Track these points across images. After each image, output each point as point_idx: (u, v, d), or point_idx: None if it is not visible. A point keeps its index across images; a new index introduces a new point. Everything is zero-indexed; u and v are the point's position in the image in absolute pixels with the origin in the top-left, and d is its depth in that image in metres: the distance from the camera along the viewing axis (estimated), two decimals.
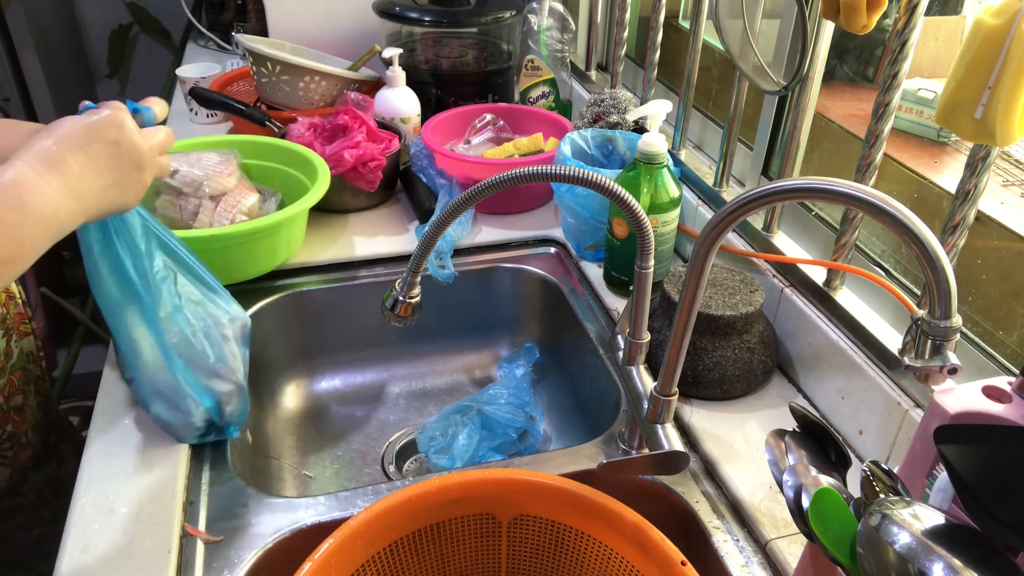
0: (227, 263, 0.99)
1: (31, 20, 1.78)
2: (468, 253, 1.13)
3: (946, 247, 0.68)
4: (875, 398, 0.76)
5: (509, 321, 1.17)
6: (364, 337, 1.11)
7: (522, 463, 0.80)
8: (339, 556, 0.59)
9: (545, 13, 1.37)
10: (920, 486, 0.53)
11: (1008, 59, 0.56)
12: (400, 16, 1.36)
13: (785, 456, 0.57)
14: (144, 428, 0.80)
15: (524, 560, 0.69)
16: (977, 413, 0.49)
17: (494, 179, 0.66)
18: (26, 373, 0.91)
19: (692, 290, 0.62)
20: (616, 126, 1.16)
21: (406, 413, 1.09)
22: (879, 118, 0.74)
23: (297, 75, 1.29)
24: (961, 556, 0.42)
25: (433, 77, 1.39)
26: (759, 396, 0.87)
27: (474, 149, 1.29)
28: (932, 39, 0.92)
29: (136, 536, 0.68)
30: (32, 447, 0.92)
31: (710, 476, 0.78)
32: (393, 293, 0.75)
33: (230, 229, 0.95)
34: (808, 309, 0.86)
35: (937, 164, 0.89)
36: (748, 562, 0.69)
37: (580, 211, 1.06)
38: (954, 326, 0.48)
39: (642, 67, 1.23)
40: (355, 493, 0.75)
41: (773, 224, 0.94)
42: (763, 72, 0.90)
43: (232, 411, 0.78)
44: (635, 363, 0.77)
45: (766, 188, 0.54)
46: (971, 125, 0.60)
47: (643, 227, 0.69)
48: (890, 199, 0.48)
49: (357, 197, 1.18)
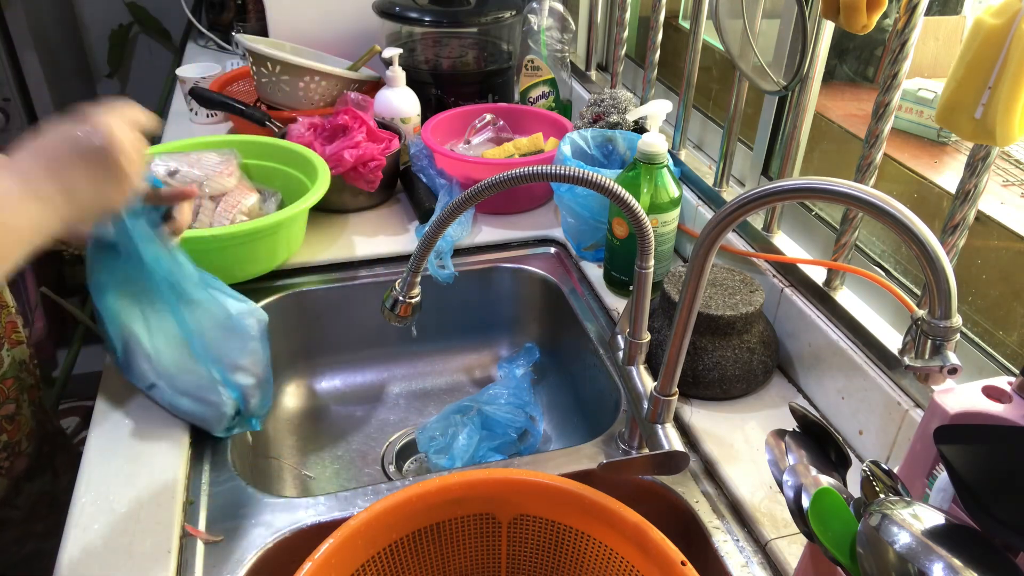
0: (227, 263, 0.99)
1: (31, 20, 1.78)
2: (468, 253, 1.13)
3: (946, 247, 0.68)
4: (875, 398, 0.76)
5: (509, 321, 1.17)
6: (364, 337, 1.11)
7: (522, 463, 0.80)
8: (339, 556, 0.59)
9: (545, 13, 1.37)
10: (920, 486, 0.53)
11: (1008, 59, 0.56)
12: (400, 16, 1.36)
13: (785, 456, 0.57)
14: (144, 428, 0.80)
15: (524, 560, 0.69)
16: (977, 413, 0.49)
17: (494, 179, 0.66)
18: (19, 382, 0.90)
19: (692, 290, 0.62)
20: (616, 126, 1.16)
21: (406, 413, 1.09)
22: (879, 118, 0.74)
23: (297, 75, 1.29)
24: (961, 556, 0.42)
25: (433, 77, 1.39)
26: (759, 396, 0.87)
27: (474, 149, 1.29)
28: (932, 39, 0.92)
29: (136, 536, 0.68)
30: (27, 456, 0.92)
31: (710, 476, 0.78)
32: (393, 293, 0.75)
33: (230, 229, 0.95)
34: (808, 309, 0.86)
35: (937, 164, 0.89)
36: (748, 562, 0.69)
37: (580, 211, 1.06)
38: (954, 326, 0.48)
39: (642, 67, 1.23)
40: (355, 493, 0.75)
41: (773, 224, 0.94)
42: (763, 72, 0.90)
43: (256, 404, 0.81)
44: (635, 363, 0.77)
45: (766, 188, 0.54)
46: (971, 125, 0.60)
47: (643, 227, 0.69)
48: (890, 199, 0.49)
49: (357, 197, 1.18)
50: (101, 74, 2.23)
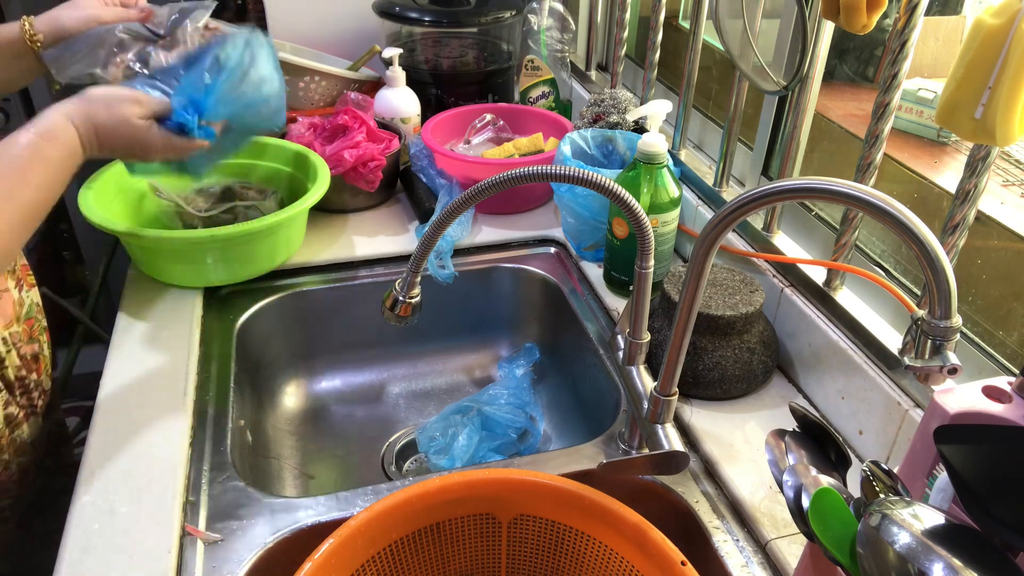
0: (227, 262, 0.99)
1: None
2: (468, 253, 1.13)
3: (946, 247, 0.68)
4: (875, 398, 0.76)
5: (509, 321, 1.17)
6: (364, 337, 1.11)
7: (522, 463, 0.80)
8: (339, 556, 0.59)
9: (545, 13, 1.37)
10: (920, 486, 0.53)
11: (1008, 59, 0.56)
12: (400, 16, 1.36)
13: (785, 456, 0.57)
14: (144, 428, 0.80)
15: (524, 560, 0.69)
16: (977, 413, 0.49)
17: (494, 179, 0.66)
18: (38, 323, 0.93)
19: (692, 290, 0.62)
20: (616, 126, 1.16)
21: (406, 413, 1.09)
22: (879, 118, 0.74)
23: (297, 75, 1.29)
24: (961, 556, 0.42)
25: (433, 77, 1.39)
26: (759, 396, 0.87)
27: (474, 149, 1.29)
28: (932, 39, 0.92)
29: (136, 536, 0.68)
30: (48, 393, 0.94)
31: (710, 476, 0.78)
32: (393, 293, 0.75)
33: (230, 229, 0.95)
34: (808, 309, 0.86)
35: (937, 164, 0.89)
36: (748, 562, 0.69)
37: (580, 211, 1.06)
38: (954, 326, 0.48)
39: (642, 67, 1.23)
40: (355, 493, 0.75)
41: (773, 224, 0.94)
42: (763, 72, 0.90)
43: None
44: (635, 363, 0.77)
45: (766, 188, 0.54)
46: (971, 125, 0.60)
47: (643, 227, 0.69)
48: (890, 199, 0.49)
49: (357, 197, 1.18)
50: None
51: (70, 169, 0.74)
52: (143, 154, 0.80)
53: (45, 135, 0.72)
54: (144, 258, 1.01)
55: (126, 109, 0.77)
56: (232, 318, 0.99)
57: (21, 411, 0.87)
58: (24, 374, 0.88)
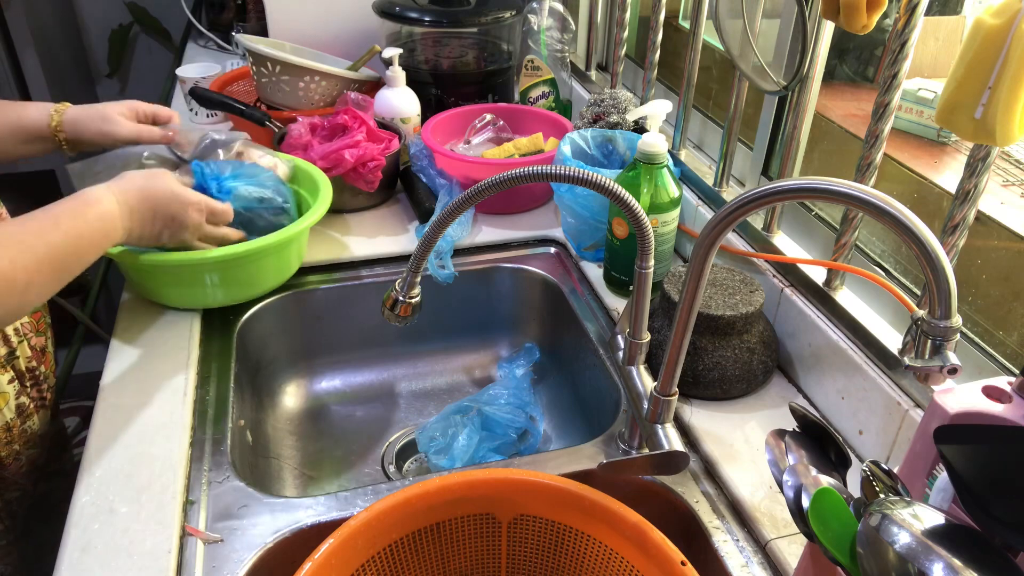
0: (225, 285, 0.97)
1: (31, 20, 1.78)
2: (468, 253, 1.13)
3: (946, 247, 0.68)
4: (875, 398, 0.76)
5: (509, 321, 1.17)
6: (364, 337, 1.11)
7: (522, 463, 0.80)
8: (339, 556, 0.60)
9: (545, 13, 1.37)
10: (920, 486, 0.53)
11: (1008, 59, 0.56)
12: (400, 16, 1.36)
13: (785, 456, 0.57)
14: (144, 428, 0.80)
15: (524, 560, 0.69)
16: (977, 413, 0.49)
17: (494, 179, 0.66)
18: (43, 316, 0.94)
19: (692, 290, 0.62)
20: (616, 126, 1.16)
21: (406, 413, 1.09)
22: (879, 118, 0.74)
23: (297, 75, 1.29)
24: (961, 556, 0.42)
25: (433, 77, 1.39)
26: (759, 396, 0.87)
27: (474, 149, 1.29)
28: (932, 39, 0.92)
29: (136, 536, 0.68)
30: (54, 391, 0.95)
31: (710, 476, 0.78)
32: (393, 293, 0.75)
33: (234, 249, 0.92)
34: (808, 309, 0.86)
35: (937, 164, 0.89)
36: (748, 562, 0.69)
37: (580, 211, 1.06)
38: (954, 326, 0.48)
39: (642, 67, 1.23)
40: (355, 493, 0.75)
41: (773, 224, 0.94)
42: (763, 72, 0.90)
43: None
44: (635, 363, 0.77)
45: (766, 188, 0.54)
46: (971, 125, 0.60)
47: (643, 227, 0.69)
48: (890, 199, 0.49)
49: (357, 197, 1.18)
50: (101, 74, 2.23)
51: (106, 231, 0.77)
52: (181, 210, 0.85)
53: (80, 195, 0.77)
54: (139, 279, 0.96)
55: (162, 174, 0.85)
56: (232, 318, 0.99)
57: (32, 402, 0.88)
58: (34, 365, 0.89)
